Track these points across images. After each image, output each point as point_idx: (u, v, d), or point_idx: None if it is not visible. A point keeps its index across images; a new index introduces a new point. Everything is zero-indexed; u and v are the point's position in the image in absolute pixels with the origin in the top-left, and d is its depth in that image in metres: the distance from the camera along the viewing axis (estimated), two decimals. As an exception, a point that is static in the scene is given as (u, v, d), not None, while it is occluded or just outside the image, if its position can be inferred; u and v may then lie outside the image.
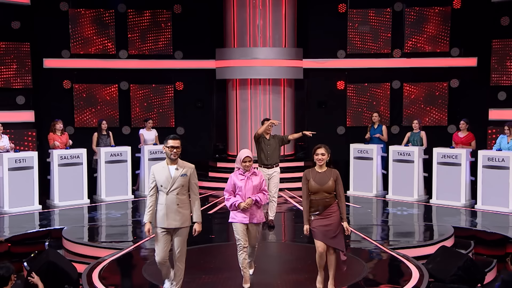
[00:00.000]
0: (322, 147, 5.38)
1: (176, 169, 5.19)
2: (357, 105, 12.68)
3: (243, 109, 12.75)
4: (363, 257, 6.36)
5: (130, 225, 8.75)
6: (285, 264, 6.63)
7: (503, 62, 11.38)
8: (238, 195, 5.61)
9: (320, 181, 5.28)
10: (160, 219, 5.16)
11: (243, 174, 5.68)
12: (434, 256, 6.01)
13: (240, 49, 12.44)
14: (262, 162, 8.60)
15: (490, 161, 9.27)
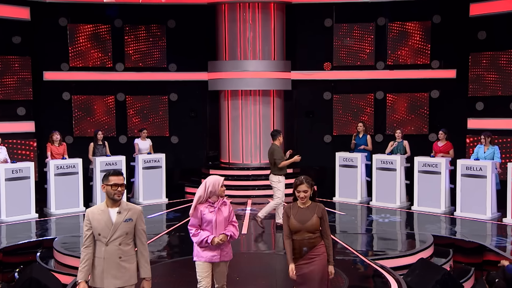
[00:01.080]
0: (304, 182, 4.34)
1: (118, 212, 3.93)
2: (343, 114, 12.42)
3: (235, 118, 12.47)
4: (344, 269, 6.06)
5: None
6: (271, 278, 6.33)
7: (480, 74, 11.15)
8: (207, 230, 4.54)
9: (302, 219, 4.29)
10: (97, 277, 3.89)
11: (213, 205, 4.60)
12: (413, 268, 5.74)
13: (231, 62, 12.17)
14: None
15: (468, 170, 9.01)
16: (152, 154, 10.88)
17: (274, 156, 8.27)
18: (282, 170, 8.36)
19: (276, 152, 8.26)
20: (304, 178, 4.36)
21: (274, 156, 8.27)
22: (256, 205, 10.50)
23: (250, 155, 12.52)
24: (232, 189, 11.61)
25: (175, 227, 8.43)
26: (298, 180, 4.36)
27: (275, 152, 8.26)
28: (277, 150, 8.29)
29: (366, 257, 6.55)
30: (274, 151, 8.28)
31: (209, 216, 4.53)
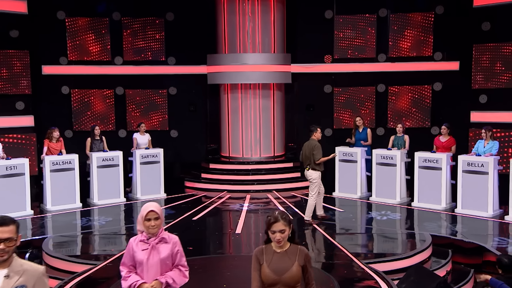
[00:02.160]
0: (279, 219, 3.22)
1: (6, 276, 2.74)
2: (344, 108, 12.00)
3: (234, 112, 12.11)
4: (336, 273, 5.72)
5: (112, 234, 7.99)
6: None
7: (484, 66, 10.64)
8: (138, 273, 3.53)
9: (279, 268, 3.21)
10: None
11: (147, 241, 3.54)
12: (408, 275, 5.38)
13: (230, 55, 11.77)
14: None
15: (469, 166, 8.59)
16: (150, 149, 10.57)
17: (314, 151, 7.89)
18: (321, 166, 8.01)
19: (316, 148, 7.91)
20: (280, 214, 3.26)
21: (314, 151, 7.89)
22: (255, 200, 10.18)
23: (250, 149, 12.17)
24: (231, 184, 11.32)
25: (165, 227, 8.07)
26: (272, 217, 3.25)
27: (316, 148, 7.89)
28: (317, 146, 7.95)
29: (361, 260, 6.19)
30: (315, 146, 7.92)
31: (140, 256, 3.50)
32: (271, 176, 11.59)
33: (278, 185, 11.28)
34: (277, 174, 11.64)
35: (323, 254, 6.54)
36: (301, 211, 9.03)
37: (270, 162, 12.06)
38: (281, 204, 9.71)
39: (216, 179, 11.56)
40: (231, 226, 7.96)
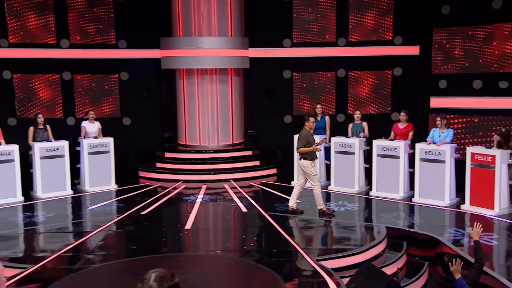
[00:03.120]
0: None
1: None
2: (303, 93, 11.68)
3: (191, 98, 11.63)
4: (284, 272, 5.42)
5: (50, 233, 7.29)
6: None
7: (443, 50, 10.48)
8: None
9: None
10: None
11: None
12: (358, 274, 5.13)
13: (185, 39, 11.23)
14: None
15: (427, 154, 8.42)
16: (99, 138, 10.01)
17: (298, 141, 7.78)
18: (312, 155, 7.78)
19: (300, 137, 7.73)
20: (156, 275, 2.44)
21: (298, 141, 7.79)
22: (211, 191, 9.81)
23: (208, 137, 11.76)
24: (187, 173, 10.90)
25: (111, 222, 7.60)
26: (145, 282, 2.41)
27: (300, 137, 7.75)
28: (302, 136, 7.73)
29: (312, 256, 5.92)
30: (300, 136, 7.77)
31: None
32: (229, 165, 11.22)
33: (236, 174, 10.93)
34: (236, 163, 11.29)
35: (272, 251, 6.24)
36: (256, 201, 8.73)
37: (228, 150, 11.68)
38: (237, 194, 9.37)
39: (172, 168, 11.11)
40: (181, 220, 7.57)
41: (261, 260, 5.88)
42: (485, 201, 7.64)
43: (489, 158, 7.57)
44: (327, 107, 11.48)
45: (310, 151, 7.75)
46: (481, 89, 10.12)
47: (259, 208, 8.27)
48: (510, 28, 9.64)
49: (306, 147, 7.69)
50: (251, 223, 7.72)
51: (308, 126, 7.81)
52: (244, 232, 7.20)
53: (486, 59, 9.98)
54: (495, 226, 7.14)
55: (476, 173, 7.78)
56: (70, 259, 6.04)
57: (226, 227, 7.44)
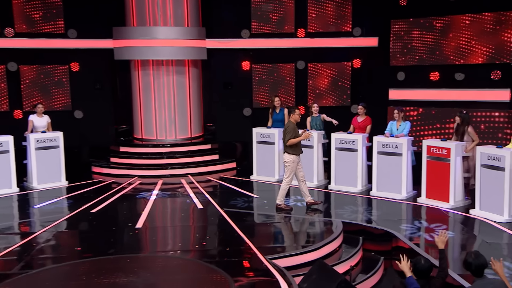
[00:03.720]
0: None
1: None
2: (263, 86, 11.48)
3: (146, 90, 11.27)
4: (235, 271, 5.23)
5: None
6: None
7: (401, 42, 10.48)
8: None
9: None
10: None
11: None
12: (310, 273, 5.01)
13: (139, 28, 10.82)
14: None
15: (384, 147, 8.39)
16: (47, 133, 9.54)
17: (285, 133, 7.56)
18: (297, 150, 7.56)
19: (287, 130, 7.52)
20: None
21: (284, 134, 7.56)
22: (166, 186, 9.52)
23: (165, 130, 11.43)
24: (143, 168, 10.57)
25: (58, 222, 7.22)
26: None
27: (287, 130, 7.55)
28: (289, 128, 7.52)
29: (266, 255, 5.76)
30: (287, 128, 7.57)
31: None
32: (187, 159, 10.95)
33: (194, 169, 10.67)
34: (194, 157, 11.02)
35: (225, 250, 6.04)
36: (213, 197, 8.51)
37: (186, 144, 11.38)
38: (193, 190, 9.12)
39: (127, 163, 10.75)
40: (133, 219, 7.26)
41: (213, 260, 5.68)
42: (441, 194, 7.66)
43: (444, 151, 7.59)
44: (286, 100, 11.34)
45: (297, 145, 7.56)
46: (439, 81, 10.19)
47: (215, 205, 8.06)
48: (466, 20, 9.70)
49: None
50: (206, 221, 7.50)
51: (294, 118, 7.62)
52: (197, 230, 6.97)
53: (443, 51, 10.03)
54: (450, 220, 7.16)
55: (432, 166, 7.79)
56: (7, 263, 5.66)
57: (179, 225, 7.19)
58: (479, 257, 3.89)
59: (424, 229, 6.77)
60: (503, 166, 6.77)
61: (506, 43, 9.26)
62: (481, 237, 6.44)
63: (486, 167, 7.04)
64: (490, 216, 6.97)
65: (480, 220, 7.00)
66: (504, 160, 6.76)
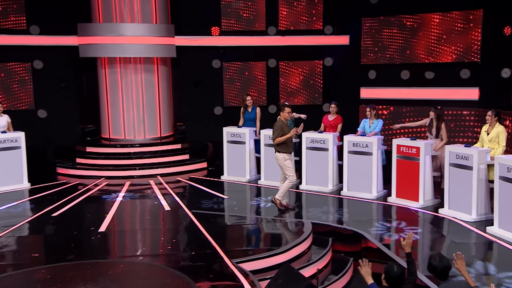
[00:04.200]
0: None
1: None
2: (234, 84, 11.33)
3: (114, 89, 10.97)
4: (198, 278, 5.06)
5: None
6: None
7: (372, 40, 10.47)
8: None
9: None
10: None
11: None
12: (276, 277, 4.88)
13: (105, 25, 10.52)
14: None
15: (355, 146, 8.33)
16: (7, 133, 9.17)
17: (273, 132, 7.44)
18: (287, 148, 7.42)
19: (275, 128, 7.41)
20: None
21: (272, 132, 7.45)
22: (134, 187, 9.27)
23: (133, 130, 11.16)
24: (110, 169, 10.28)
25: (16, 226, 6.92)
26: None
27: (274, 128, 7.43)
28: (277, 126, 7.39)
29: (232, 258, 5.61)
30: (274, 127, 7.45)
31: None
32: (156, 159, 10.71)
33: (164, 169, 10.44)
34: (164, 157, 10.78)
35: (190, 254, 5.87)
36: (182, 199, 8.32)
37: (156, 144, 11.14)
38: (162, 191, 8.90)
39: (93, 164, 10.45)
40: (96, 222, 7.01)
41: (177, 265, 5.50)
42: (410, 193, 7.65)
43: (414, 150, 7.57)
44: (258, 98, 11.21)
45: (287, 143, 7.40)
46: (409, 79, 10.22)
47: (183, 206, 7.87)
48: (436, 18, 9.74)
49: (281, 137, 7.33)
50: (173, 223, 7.30)
51: (284, 116, 7.47)
52: (163, 234, 6.76)
53: (413, 49, 10.06)
54: (419, 219, 7.15)
55: (402, 165, 7.77)
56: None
57: (144, 229, 6.97)
58: (442, 259, 3.83)
59: (394, 229, 6.73)
60: (471, 165, 6.78)
61: (475, 42, 9.33)
62: (449, 237, 6.43)
63: (455, 166, 7.04)
64: (459, 215, 6.98)
65: (449, 220, 7.00)
66: (472, 159, 6.77)
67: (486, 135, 7.18)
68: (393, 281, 3.91)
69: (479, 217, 6.81)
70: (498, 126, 7.09)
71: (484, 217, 6.81)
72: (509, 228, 6.13)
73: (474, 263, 5.48)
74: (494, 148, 7.03)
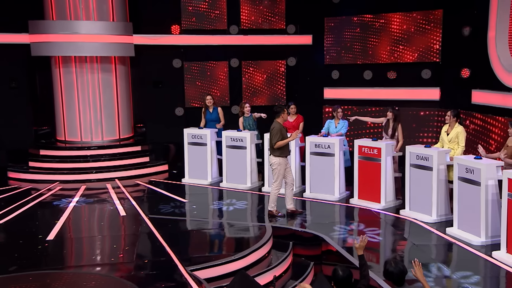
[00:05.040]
0: None
1: None
2: (195, 84, 11.08)
3: (69, 89, 10.56)
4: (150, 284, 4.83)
5: None
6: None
7: (335, 40, 10.43)
8: None
9: None
10: None
11: None
12: (231, 285, 4.69)
13: (58, 22, 10.10)
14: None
15: (317, 147, 8.22)
16: (-48, 137, 8.68)
17: (271, 135, 7.09)
18: (283, 151, 7.11)
19: (273, 132, 7.08)
20: None
21: (271, 136, 7.09)
22: (90, 192, 8.92)
23: (90, 132, 10.78)
24: (65, 173, 9.88)
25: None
26: None
27: (272, 132, 7.10)
28: (275, 130, 7.09)
29: (187, 266, 5.38)
30: (272, 130, 7.12)
31: None
32: (114, 162, 10.36)
33: (122, 172, 10.11)
34: (123, 159, 10.44)
35: (143, 262, 5.61)
36: (139, 203, 8.03)
37: (114, 146, 10.78)
38: (118, 195, 8.58)
39: (47, 168, 10.02)
40: (45, 229, 6.66)
41: (128, 274, 5.23)
42: (372, 195, 7.59)
43: (375, 151, 7.52)
44: (220, 99, 11.01)
45: (284, 146, 7.13)
46: (372, 79, 10.21)
47: (140, 211, 7.59)
48: (398, 18, 9.76)
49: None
50: (127, 230, 7.00)
51: (283, 118, 7.17)
52: (115, 241, 6.46)
53: (375, 49, 10.06)
54: (381, 221, 7.08)
55: (364, 166, 7.71)
56: None
57: (96, 236, 6.65)
58: (398, 264, 3.72)
59: (356, 232, 6.64)
60: (431, 165, 6.76)
61: (436, 42, 9.39)
62: (410, 238, 6.38)
63: (415, 166, 7.02)
64: (419, 217, 6.95)
65: (410, 221, 6.97)
66: (432, 160, 6.75)
67: (446, 136, 7.18)
68: (341, 284, 3.81)
69: (439, 218, 6.80)
70: (457, 126, 7.10)
71: (444, 218, 6.80)
72: (468, 229, 6.13)
73: (433, 265, 5.43)
74: (454, 148, 7.04)
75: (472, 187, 6.03)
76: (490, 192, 5.86)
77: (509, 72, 7.52)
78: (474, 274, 5.19)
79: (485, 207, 5.88)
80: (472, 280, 5.05)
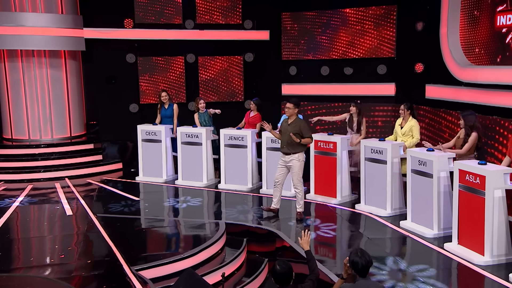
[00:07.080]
0: None
1: None
2: (150, 80, 10.72)
3: (15, 84, 10.02)
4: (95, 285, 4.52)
5: None
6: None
7: (292, 36, 10.30)
8: None
9: None
10: None
11: None
12: (177, 284, 4.42)
13: (2, 14, 9.56)
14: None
15: (273, 143, 8.05)
16: None
17: (305, 131, 6.57)
18: (304, 147, 6.70)
19: (303, 125, 6.61)
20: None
21: (304, 131, 6.57)
22: (37, 191, 8.44)
23: (39, 130, 10.27)
24: (11, 172, 9.35)
25: None
26: None
27: (302, 125, 6.59)
28: (304, 123, 6.66)
29: (134, 265, 5.08)
30: (302, 125, 6.61)
31: None
32: (65, 160, 9.89)
33: (73, 171, 9.67)
34: (74, 158, 9.99)
35: (85, 263, 5.26)
36: (88, 202, 7.64)
37: (65, 144, 10.30)
38: (67, 195, 8.14)
39: (-9, 169, 9.46)
40: (-17, 232, 6.20)
41: (68, 276, 4.88)
42: (328, 190, 7.47)
43: (331, 145, 7.40)
44: (176, 95, 10.69)
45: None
46: (329, 75, 10.14)
47: (88, 210, 7.20)
48: (353, 14, 9.72)
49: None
50: (71, 229, 6.61)
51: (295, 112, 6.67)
52: (58, 242, 6.07)
53: (332, 45, 9.99)
54: (337, 216, 6.96)
55: (320, 161, 7.58)
56: None
57: (37, 237, 6.23)
58: (364, 255, 3.57)
59: (312, 228, 6.48)
60: (385, 159, 6.69)
61: (390, 37, 9.40)
62: (365, 233, 6.27)
63: (370, 160, 6.93)
64: (374, 211, 6.87)
65: (365, 215, 6.87)
66: (386, 153, 6.68)
67: (399, 129, 7.14)
68: (280, 279, 3.63)
69: (394, 211, 6.74)
70: (411, 119, 7.08)
71: (399, 211, 6.75)
72: (421, 222, 6.08)
73: (387, 258, 5.33)
74: (408, 141, 6.99)
75: (425, 179, 5.98)
76: (442, 184, 5.82)
77: (461, 66, 7.56)
78: (429, 266, 5.12)
79: (437, 199, 5.84)
80: (426, 274, 4.97)
